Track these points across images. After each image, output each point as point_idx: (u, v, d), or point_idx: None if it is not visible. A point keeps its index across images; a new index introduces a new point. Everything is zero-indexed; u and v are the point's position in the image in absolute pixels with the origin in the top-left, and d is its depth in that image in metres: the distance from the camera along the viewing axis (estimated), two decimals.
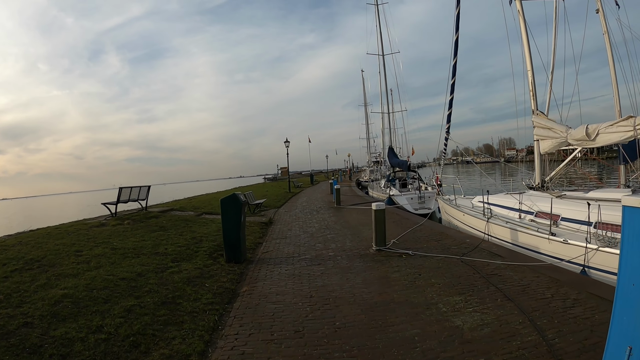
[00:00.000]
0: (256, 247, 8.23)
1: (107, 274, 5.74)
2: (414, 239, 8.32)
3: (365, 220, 11.17)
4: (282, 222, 11.81)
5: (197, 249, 7.48)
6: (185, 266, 6.31)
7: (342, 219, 11.71)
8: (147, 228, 9.39)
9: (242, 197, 6.78)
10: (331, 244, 8.06)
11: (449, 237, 8.49)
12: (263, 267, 6.50)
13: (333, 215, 12.79)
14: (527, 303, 4.56)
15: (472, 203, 11.17)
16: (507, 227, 8.26)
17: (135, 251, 7.10)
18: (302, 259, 6.87)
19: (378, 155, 51.11)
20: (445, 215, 12.38)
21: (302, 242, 8.45)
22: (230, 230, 6.64)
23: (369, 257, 6.71)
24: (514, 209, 9.19)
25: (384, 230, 7.06)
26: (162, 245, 7.60)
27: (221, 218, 6.71)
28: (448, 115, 12.91)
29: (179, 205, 14.25)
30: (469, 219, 9.91)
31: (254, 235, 9.22)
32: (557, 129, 9.30)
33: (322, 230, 9.85)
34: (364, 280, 5.51)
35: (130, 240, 7.96)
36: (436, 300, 4.66)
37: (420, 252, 6.93)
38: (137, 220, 10.49)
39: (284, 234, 9.53)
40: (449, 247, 7.42)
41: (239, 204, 6.56)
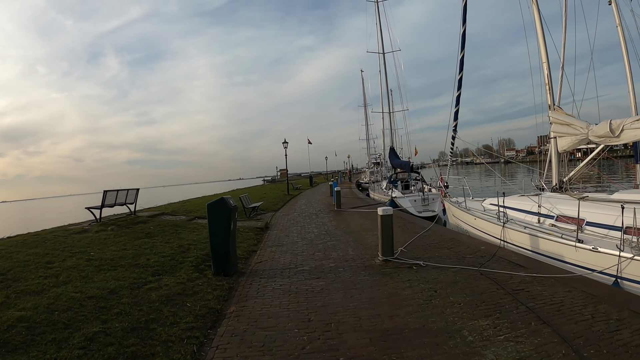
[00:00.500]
0: (249, 256, 7.45)
1: (75, 291, 4.98)
2: (424, 246, 7.55)
3: (368, 225, 10.40)
4: (279, 227, 11.03)
5: (183, 259, 6.71)
6: (166, 281, 5.54)
7: (343, 224, 10.94)
8: (131, 235, 8.62)
9: (231, 201, 6.00)
10: (332, 252, 7.28)
11: (461, 243, 7.73)
12: (255, 281, 5.73)
13: (333, 220, 12.01)
14: (566, 327, 3.81)
15: (483, 206, 10.41)
16: (526, 233, 7.50)
17: (113, 262, 6.33)
18: (300, 271, 6.09)
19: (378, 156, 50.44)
20: (453, 218, 11.62)
21: (300, 250, 7.67)
22: (218, 240, 5.87)
23: (375, 269, 5.93)
24: (532, 213, 8.43)
25: (391, 238, 6.29)
26: (144, 256, 6.82)
27: (208, 226, 5.94)
28: (455, 112, 12.17)
29: (171, 209, 13.48)
30: (481, 223, 9.14)
31: (247, 243, 8.44)
32: (577, 125, 8.56)
33: (321, 236, 9.07)
34: (371, 298, 4.73)
35: (110, 249, 7.19)
36: (459, 325, 3.90)
37: (433, 263, 6.16)
38: (122, 225, 9.72)
39: (280, 241, 8.75)
40: (464, 256, 6.66)
41: (227, 209, 5.79)
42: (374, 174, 41.13)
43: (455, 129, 12.17)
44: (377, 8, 26.52)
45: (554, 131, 9.10)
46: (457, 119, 12.18)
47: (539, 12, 10.01)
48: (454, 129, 12.16)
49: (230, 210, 5.81)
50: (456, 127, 12.18)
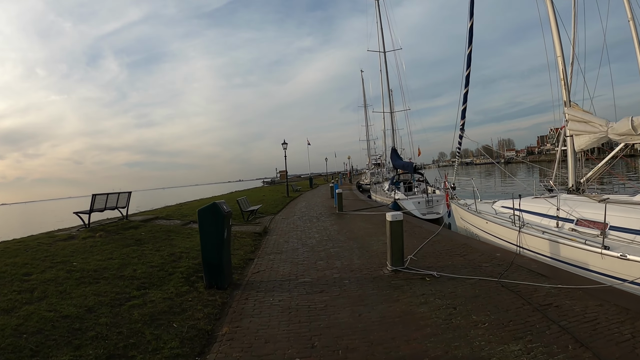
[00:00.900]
0: (246, 265, 6.88)
1: (49, 309, 4.43)
2: (434, 253, 6.99)
3: (373, 229, 9.84)
4: (279, 232, 10.45)
5: (173, 269, 6.14)
6: (152, 296, 4.97)
7: (346, 228, 10.37)
8: (120, 242, 8.05)
9: (225, 206, 5.44)
10: (335, 260, 6.71)
11: (474, 250, 7.18)
12: (251, 295, 5.16)
13: (335, 224, 11.44)
14: (608, 350, 3.30)
15: (494, 209, 9.85)
16: (545, 239, 6.94)
17: (96, 274, 5.76)
18: (301, 283, 5.52)
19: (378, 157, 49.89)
20: (462, 222, 11.05)
21: (301, 258, 7.10)
22: (210, 250, 5.30)
23: (384, 281, 5.36)
24: (549, 216, 7.86)
25: (401, 246, 5.72)
26: (131, 266, 6.25)
27: (199, 234, 5.37)
28: (462, 110, 11.61)
29: (166, 213, 12.91)
30: (494, 227, 8.57)
31: (244, 250, 7.87)
32: (596, 123, 8.02)
33: (323, 242, 8.50)
34: (382, 317, 4.17)
35: (95, 258, 6.62)
36: (487, 351, 3.34)
37: (448, 273, 5.60)
38: (112, 231, 9.16)
39: (279, 248, 8.18)
40: (480, 265, 6.10)
41: (220, 216, 5.23)
42: (374, 175, 40.59)
43: (462, 128, 11.61)
44: (377, 6, 26.02)
45: (571, 129, 8.55)
46: (464, 117, 11.64)
47: (553, 5, 9.47)
48: (462, 127, 11.61)
49: (224, 217, 5.24)
50: (464, 126, 11.63)
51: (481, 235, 9.45)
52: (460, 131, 11.64)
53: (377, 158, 49.77)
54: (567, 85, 9.34)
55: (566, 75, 9.40)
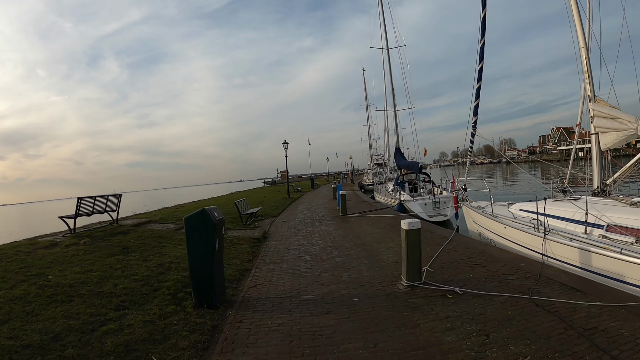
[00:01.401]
0: (242, 277, 6.18)
1: (10, 335, 3.76)
2: (452, 263, 6.30)
3: (380, 234, 9.14)
4: (279, 237, 9.75)
5: (159, 284, 5.45)
6: (131, 318, 4.28)
7: (352, 233, 9.66)
8: (105, 250, 7.37)
9: (216, 213, 4.74)
10: (342, 272, 6.00)
11: (495, 259, 6.49)
12: (247, 317, 4.46)
13: (339, 227, 10.74)
14: None
15: (511, 212, 9.14)
16: (574, 247, 6.23)
17: (72, 290, 5.08)
18: (304, 302, 4.81)
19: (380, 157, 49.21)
20: (475, 226, 10.34)
21: (304, 269, 6.39)
22: (199, 264, 4.61)
23: (399, 300, 4.65)
24: (575, 221, 7.15)
25: (419, 258, 5.01)
26: (112, 279, 5.57)
27: (187, 245, 4.68)
28: (475, 107, 10.90)
29: (160, 216, 12.21)
30: (514, 233, 7.86)
31: (240, 258, 7.17)
32: (625, 119, 7.31)
33: (328, 249, 7.79)
34: (402, 349, 3.46)
35: (73, 270, 5.93)
36: None
37: (471, 289, 4.90)
38: (98, 237, 8.48)
39: (279, 256, 7.47)
40: (505, 278, 5.40)
41: (210, 224, 4.54)
42: (377, 175, 39.88)
43: (475, 125, 10.90)
44: (380, 2, 25.32)
45: (597, 126, 7.83)
46: (477, 113, 10.93)
47: None
48: (474, 125, 10.90)
49: (214, 226, 4.54)
50: (476, 123, 10.92)
51: (498, 241, 8.76)
52: (473, 129, 10.93)
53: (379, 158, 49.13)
54: (591, 78, 8.63)
55: (590, 67, 8.70)
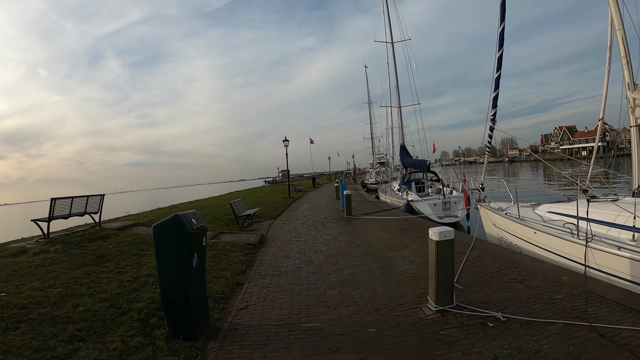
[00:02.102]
0: (232, 294, 5.15)
1: None
2: (482, 276, 5.28)
3: (392, 239, 8.10)
4: (277, 243, 8.71)
5: (129, 305, 4.44)
6: (83, 355, 3.29)
7: (359, 238, 8.62)
8: (76, 259, 6.37)
9: (194, 220, 3.73)
10: (352, 290, 4.96)
11: (531, 271, 5.47)
12: (233, 353, 3.44)
13: (345, 231, 9.70)
14: None
15: (538, 214, 8.11)
16: (625, 257, 5.23)
17: (22, 313, 4.08)
18: (306, 332, 3.78)
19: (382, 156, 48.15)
20: (495, 229, 9.31)
21: (305, 284, 5.34)
22: (172, 283, 3.61)
23: (429, 331, 3.61)
24: (620, 226, 6.13)
25: (451, 277, 3.98)
26: (74, 298, 4.57)
27: (156, 261, 3.67)
28: (494, 98, 9.87)
29: (149, 218, 11.20)
30: (547, 239, 6.84)
31: (232, 269, 6.15)
32: None
33: (333, 258, 6.76)
34: None
35: (32, 285, 4.93)
36: None
37: (516, 314, 3.89)
38: (74, 243, 7.50)
39: (277, 266, 6.44)
40: (552, 297, 4.40)
41: (184, 235, 3.52)
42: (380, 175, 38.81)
43: (494, 118, 9.87)
44: None
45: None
46: (496, 105, 9.90)
47: None
48: (493, 117, 9.87)
49: (190, 237, 3.53)
50: (495, 116, 9.90)
51: (524, 248, 7.74)
52: (492, 122, 9.91)
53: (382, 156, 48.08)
54: (630, 64, 7.59)
55: (628, 51, 7.66)
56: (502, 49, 9.85)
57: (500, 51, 9.86)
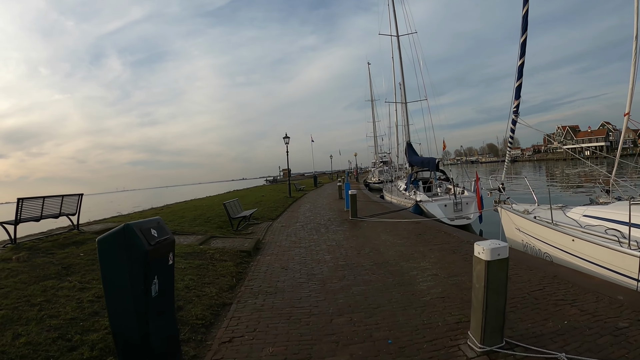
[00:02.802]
0: (215, 319, 4.16)
1: None
2: (524, 297, 4.28)
3: (405, 246, 7.10)
4: (275, 249, 7.71)
5: (82, 336, 3.48)
6: None
7: (368, 244, 7.62)
8: (38, 270, 5.41)
9: (154, 232, 2.75)
10: (366, 317, 3.91)
11: (580, 289, 4.54)
12: None
13: (351, 236, 8.70)
14: None
15: (571, 218, 7.11)
16: None
17: None
18: None
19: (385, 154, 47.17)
20: (519, 234, 8.30)
21: (307, 307, 4.31)
22: (123, 316, 2.64)
23: None
24: None
25: (503, 309, 2.97)
26: (19, 324, 3.62)
27: (102, 286, 2.70)
28: (517, 87, 8.86)
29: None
30: (588, 248, 5.83)
31: (219, 285, 5.15)
32: None
33: (339, 271, 5.75)
34: None
35: None
36: None
37: (579, 353, 2.91)
38: (42, 250, 6.55)
39: (273, 281, 5.43)
40: (615, 325, 3.46)
41: (136, 253, 2.55)
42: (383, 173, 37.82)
43: (517, 111, 8.86)
44: None
45: None
46: (519, 96, 8.88)
47: None
48: (516, 110, 8.86)
49: (145, 256, 2.55)
50: (518, 108, 8.89)
51: (557, 257, 6.74)
52: (514, 115, 8.90)
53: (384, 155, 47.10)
54: None
55: None
56: (525, 33, 8.85)
57: (524, 36, 8.86)
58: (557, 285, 4.78)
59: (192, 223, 10.11)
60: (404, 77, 23.02)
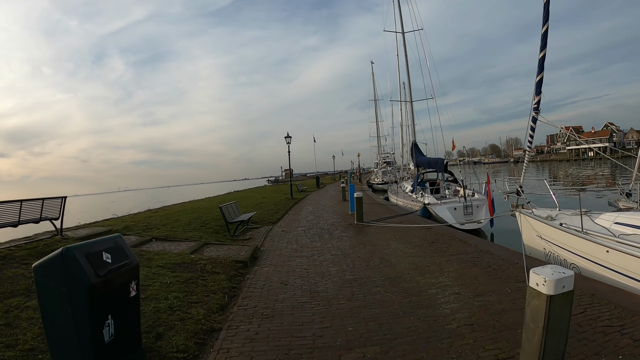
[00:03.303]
0: (200, 352, 3.45)
1: None
2: (580, 334, 3.58)
3: (419, 256, 6.40)
4: (274, 259, 7.01)
5: None
6: None
7: (377, 254, 6.92)
8: (7, 284, 4.78)
9: (106, 257, 2.07)
10: (382, 354, 3.15)
11: (624, 311, 3.96)
12: None
13: (357, 244, 8.00)
14: None
15: (601, 225, 6.41)
16: None
17: None
18: None
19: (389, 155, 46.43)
20: (541, 242, 7.58)
21: (309, 338, 3.56)
22: None
23: None
24: None
25: (562, 353, 2.29)
26: None
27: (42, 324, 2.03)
28: (538, 82, 8.13)
29: (127, 224, 9.57)
30: (627, 261, 5.13)
31: (208, 304, 4.46)
32: None
33: (346, 287, 5.04)
34: None
35: None
36: None
37: None
38: (16, 260, 5.93)
39: (271, 300, 4.72)
40: None
41: (81, 287, 1.86)
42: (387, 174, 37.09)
43: (537, 107, 8.15)
44: None
45: None
46: (540, 92, 8.17)
47: None
48: (536, 106, 8.14)
49: (90, 290, 1.87)
50: (539, 105, 8.18)
51: (587, 268, 6.03)
52: (534, 112, 8.20)
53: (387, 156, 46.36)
54: None
55: None
56: (547, 23, 8.14)
57: (546, 26, 8.15)
58: (599, 306, 4.10)
59: (187, 227, 9.45)
60: (409, 75, 22.34)
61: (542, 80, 8.21)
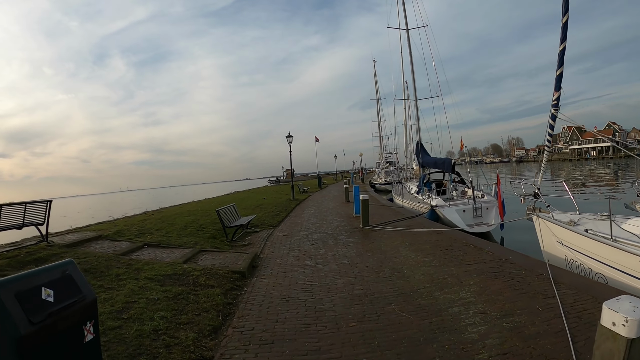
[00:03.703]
0: None
1: None
2: None
3: (433, 266, 5.85)
4: (274, 269, 6.47)
5: None
6: None
7: (387, 263, 6.37)
8: None
9: (46, 295, 1.52)
10: None
11: None
12: None
13: (365, 250, 7.46)
14: None
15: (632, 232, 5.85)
16: None
17: None
18: None
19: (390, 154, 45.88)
20: (561, 249, 7.02)
21: None
22: None
23: None
24: None
25: None
26: None
27: None
28: (558, 77, 7.60)
29: (118, 228, 9.03)
30: None
31: (198, 326, 3.93)
32: None
33: (355, 305, 4.49)
34: None
35: None
36: None
37: None
38: None
39: (270, 321, 4.18)
40: None
41: (7, 339, 1.31)
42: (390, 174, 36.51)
43: (557, 104, 7.60)
44: None
45: None
46: (560, 87, 7.63)
47: None
48: (556, 103, 7.59)
49: (20, 343, 1.33)
50: (558, 101, 7.63)
51: (617, 279, 5.49)
52: (554, 109, 7.66)
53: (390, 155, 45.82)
54: None
55: None
56: (567, 14, 7.59)
57: (565, 17, 7.60)
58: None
59: (182, 232, 8.92)
60: (414, 73, 21.75)
61: (562, 74, 7.67)
